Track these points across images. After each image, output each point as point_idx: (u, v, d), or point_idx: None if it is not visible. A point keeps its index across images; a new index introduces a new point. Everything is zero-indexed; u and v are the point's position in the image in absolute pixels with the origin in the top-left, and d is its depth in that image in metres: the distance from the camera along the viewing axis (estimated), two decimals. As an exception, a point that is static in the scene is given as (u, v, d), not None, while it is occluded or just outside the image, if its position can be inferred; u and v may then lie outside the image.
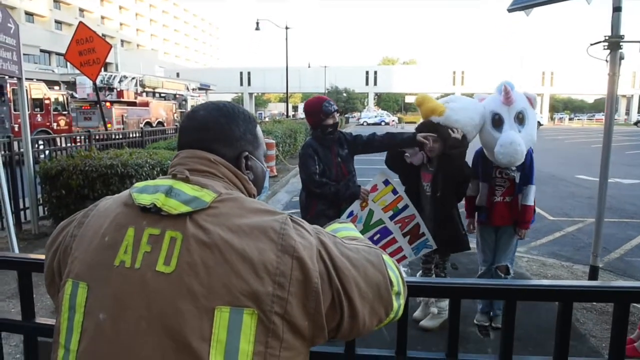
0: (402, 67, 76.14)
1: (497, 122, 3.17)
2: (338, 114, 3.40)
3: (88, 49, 8.41)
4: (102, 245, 0.88)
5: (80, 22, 8.39)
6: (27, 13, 47.49)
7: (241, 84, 68.04)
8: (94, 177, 5.52)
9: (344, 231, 1.17)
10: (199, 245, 0.82)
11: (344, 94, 62.08)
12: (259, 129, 1.12)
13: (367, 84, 67.08)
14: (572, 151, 20.25)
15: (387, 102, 76.92)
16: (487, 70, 58.65)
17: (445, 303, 3.45)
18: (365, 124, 54.02)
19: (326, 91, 58.60)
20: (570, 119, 66.20)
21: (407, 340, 1.18)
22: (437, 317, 3.43)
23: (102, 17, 60.70)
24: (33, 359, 1.37)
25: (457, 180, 3.32)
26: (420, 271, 3.69)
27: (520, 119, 3.15)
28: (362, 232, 3.25)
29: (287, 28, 30.96)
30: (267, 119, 29.91)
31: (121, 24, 65.25)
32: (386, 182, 3.33)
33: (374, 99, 72.13)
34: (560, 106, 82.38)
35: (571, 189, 10.18)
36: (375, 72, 67.82)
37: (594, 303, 3.91)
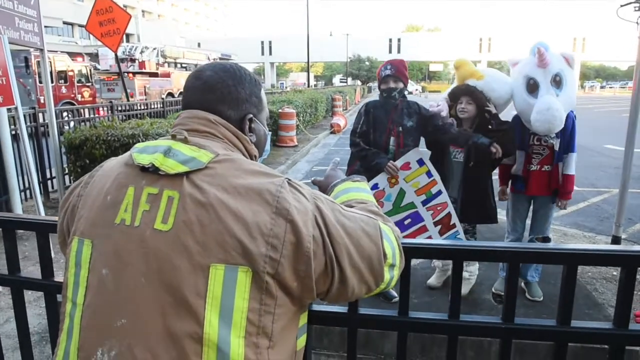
0: (426, 35, 74.19)
1: (532, 87, 2.99)
2: (397, 82, 3.23)
3: (108, 19, 8.45)
4: (104, 204, 0.91)
5: (100, -8, 8.38)
6: (49, -16, 47.56)
7: (262, 54, 67.50)
8: (116, 146, 5.63)
9: (354, 192, 1.17)
10: (194, 204, 0.84)
11: (367, 63, 61.06)
12: (263, 92, 1.12)
13: (390, 52, 65.64)
14: (601, 120, 19.61)
15: (411, 70, 75.17)
16: (515, 37, 56.63)
17: (474, 267, 3.45)
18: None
19: (348, 60, 57.72)
20: (601, 87, 63.82)
21: (409, 301, 1.19)
22: (466, 282, 3.40)
23: (123, -12, 60.44)
24: (53, 316, 1.45)
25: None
26: None
27: (557, 81, 2.95)
28: (391, 212, 3.15)
29: (308, -5, 30.37)
30: (288, 89, 29.75)
31: (142, -6, 64.94)
32: (420, 162, 3.11)
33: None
34: (591, 74, 79.30)
35: (598, 159, 9.92)
36: (399, 40, 66.33)
37: (615, 273, 3.86)
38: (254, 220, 0.83)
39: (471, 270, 3.42)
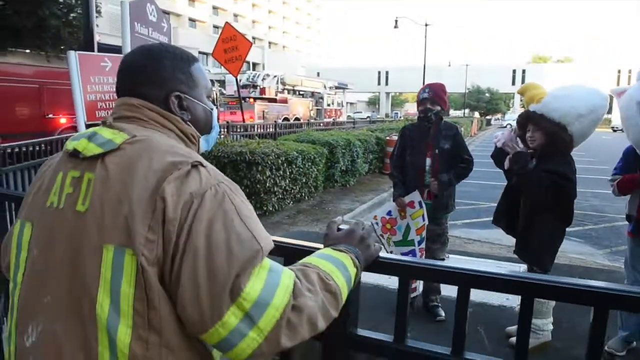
0: (555, 66, 69.39)
1: None
2: (433, 104, 3.39)
3: (232, 47, 9.19)
4: (41, 189, 0.98)
5: (227, 23, 9.18)
6: (190, 19, 53.42)
7: (379, 83, 68.36)
8: (224, 162, 6.01)
9: (319, 258, 0.99)
10: (101, 185, 0.86)
11: (487, 94, 58.68)
12: (196, 67, 1.07)
13: (513, 83, 62.44)
14: None
15: (535, 103, 70.78)
16: (662, 68, 50.52)
17: (541, 321, 2.94)
18: (509, 126, 50.37)
19: (467, 91, 56.02)
20: None
21: (465, 340, 1.03)
22: (534, 335, 2.87)
23: (253, 22, 65.60)
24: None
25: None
26: None
27: None
28: (401, 242, 3.46)
29: (426, 25, 30.32)
30: (401, 118, 29.86)
31: (269, 27, 69.92)
32: (420, 204, 3.37)
33: (520, 99, 66.97)
34: None
35: None
36: (524, 71, 62.79)
37: None
38: (140, 200, 0.82)
39: (538, 324, 2.88)
